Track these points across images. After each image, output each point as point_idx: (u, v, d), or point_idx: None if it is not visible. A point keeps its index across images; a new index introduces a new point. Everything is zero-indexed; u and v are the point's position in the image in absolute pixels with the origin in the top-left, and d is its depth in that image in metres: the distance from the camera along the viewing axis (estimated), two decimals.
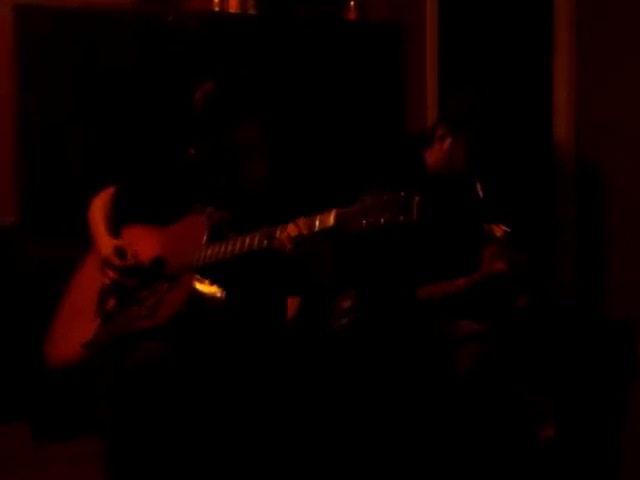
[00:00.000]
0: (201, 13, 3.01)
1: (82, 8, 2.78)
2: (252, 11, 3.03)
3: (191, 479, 1.84)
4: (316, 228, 1.67)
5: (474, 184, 2.32)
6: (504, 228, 2.24)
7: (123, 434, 1.75)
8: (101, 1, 2.84)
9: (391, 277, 2.26)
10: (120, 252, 1.97)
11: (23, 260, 2.70)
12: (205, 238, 1.88)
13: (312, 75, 3.06)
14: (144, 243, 2.02)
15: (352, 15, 3.17)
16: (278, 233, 1.75)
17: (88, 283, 2.06)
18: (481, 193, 2.30)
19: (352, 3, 3.15)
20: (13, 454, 2.47)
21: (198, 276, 1.85)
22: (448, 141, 2.29)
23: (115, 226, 2.08)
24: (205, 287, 1.85)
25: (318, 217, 1.68)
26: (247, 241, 1.79)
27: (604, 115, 2.52)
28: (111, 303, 1.98)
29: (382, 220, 1.56)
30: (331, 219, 1.64)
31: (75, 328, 1.99)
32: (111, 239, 2.03)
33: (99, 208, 2.11)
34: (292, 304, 2.03)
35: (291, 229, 1.73)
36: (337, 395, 2.07)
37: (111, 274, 1.98)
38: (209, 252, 1.85)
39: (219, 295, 1.85)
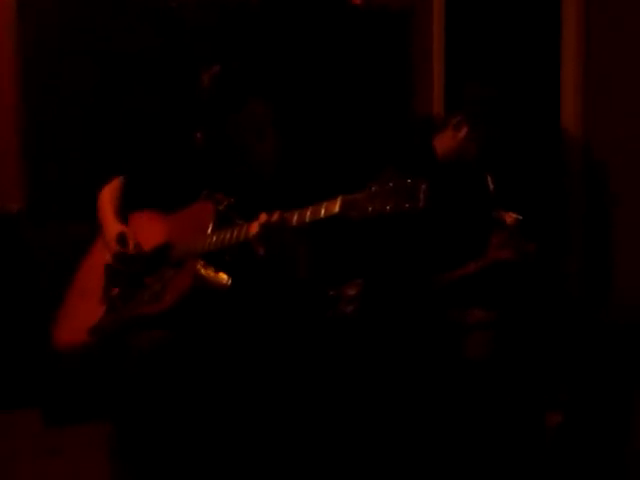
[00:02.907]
0: None
1: None
2: None
3: (198, 465, 1.85)
4: (322, 215, 1.67)
5: (484, 176, 2.32)
6: (515, 215, 2.24)
7: (130, 421, 1.76)
8: None
9: (398, 264, 2.26)
10: (122, 239, 1.98)
11: (29, 247, 2.70)
12: (211, 225, 1.88)
13: (319, 60, 3.04)
14: (150, 230, 2.02)
15: (357, 0, 3.15)
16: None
17: (96, 268, 2.06)
18: (492, 186, 2.30)
19: None
20: (24, 440, 2.48)
21: (203, 262, 1.85)
22: (464, 130, 2.30)
23: (123, 213, 2.09)
24: (210, 273, 1.85)
25: (324, 204, 1.67)
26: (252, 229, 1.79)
27: (612, 106, 2.50)
28: (117, 288, 1.99)
29: (388, 207, 1.55)
30: (336, 206, 1.63)
31: (82, 313, 2.00)
32: (117, 225, 2.04)
33: (108, 197, 2.13)
34: None
35: (253, 227, 1.75)
36: (342, 381, 2.08)
37: (108, 258, 1.99)
38: (214, 239, 1.85)
39: (224, 282, 1.86)
